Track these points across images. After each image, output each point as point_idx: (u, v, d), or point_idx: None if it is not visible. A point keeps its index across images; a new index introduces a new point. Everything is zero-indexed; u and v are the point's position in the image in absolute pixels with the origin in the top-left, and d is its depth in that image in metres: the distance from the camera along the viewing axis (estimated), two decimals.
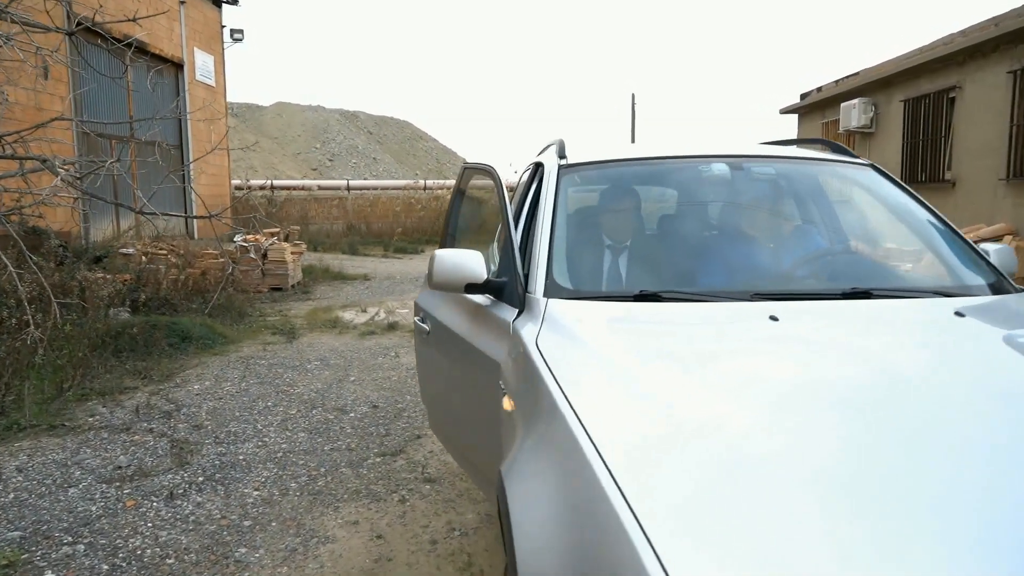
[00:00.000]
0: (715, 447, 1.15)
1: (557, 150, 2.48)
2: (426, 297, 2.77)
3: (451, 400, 2.58)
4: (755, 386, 1.36)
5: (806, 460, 1.09)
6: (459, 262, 2.07)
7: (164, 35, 13.12)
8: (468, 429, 2.40)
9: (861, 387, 1.34)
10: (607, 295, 1.93)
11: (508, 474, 1.44)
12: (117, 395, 4.76)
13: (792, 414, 1.24)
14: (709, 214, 2.36)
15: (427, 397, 3.03)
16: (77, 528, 2.89)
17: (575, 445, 1.22)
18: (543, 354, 1.64)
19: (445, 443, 2.93)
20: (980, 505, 0.97)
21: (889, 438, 1.14)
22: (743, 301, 1.83)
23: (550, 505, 1.20)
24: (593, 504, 1.08)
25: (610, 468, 1.11)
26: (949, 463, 1.08)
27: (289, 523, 2.96)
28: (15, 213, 6.65)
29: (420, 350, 2.95)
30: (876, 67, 12.85)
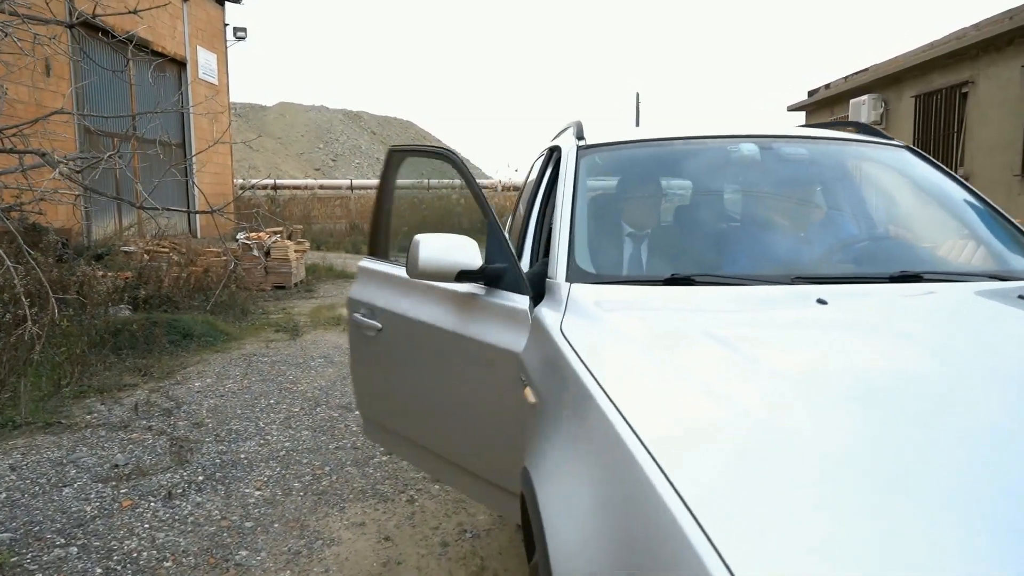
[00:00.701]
0: (774, 438, 1.01)
1: (575, 131, 2.35)
2: (369, 290, 2.44)
3: (429, 403, 2.24)
4: (814, 373, 1.22)
5: (875, 453, 0.96)
6: (450, 248, 1.88)
7: (167, 33, 13.03)
8: (461, 432, 2.12)
9: (933, 375, 1.20)
10: (634, 279, 1.79)
11: (537, 471, 1.31)
12: (116, 392, 4.64)
13: (858, 403, 1.11)
14: (739, 195, 2.22)
15: (376, 405, 2.57)
16: (70, 529, 2.76)
17: (615, 437, 1.09)
18: (570, 341, 1.50)
19: (412, 455, 2.46)
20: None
21: (976, 433, 1.00)
22: (783, 285, 1.69)
23: (589, 503, 1.07)
24: (640, 500, 0.96)
25: (658, 461, 0.98)
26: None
27: (292, 524, 2.82)
28: (15, 209, 6.54)
29: (364, 351, 2.51)
30: (886, 63, 12.69)
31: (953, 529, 0.80)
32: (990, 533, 0.79)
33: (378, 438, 2.66)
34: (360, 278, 2.54)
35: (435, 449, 2.27)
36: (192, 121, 13.74)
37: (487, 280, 1.95)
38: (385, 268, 2.43)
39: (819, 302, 1.52)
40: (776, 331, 1.44)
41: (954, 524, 0.80)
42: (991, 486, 0.88)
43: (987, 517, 0.82)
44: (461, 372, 2.03)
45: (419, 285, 2.18)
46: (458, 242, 1.90)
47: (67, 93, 9.61)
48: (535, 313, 1.84)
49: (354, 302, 2.51)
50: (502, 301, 1.93)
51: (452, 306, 2.07)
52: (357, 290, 2.52)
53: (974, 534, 0.79)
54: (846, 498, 0.86)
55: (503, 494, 1.98)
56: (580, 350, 1.42)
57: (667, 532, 0.86)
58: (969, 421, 1.04)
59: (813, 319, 1.47)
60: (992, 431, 1.01)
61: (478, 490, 2.12)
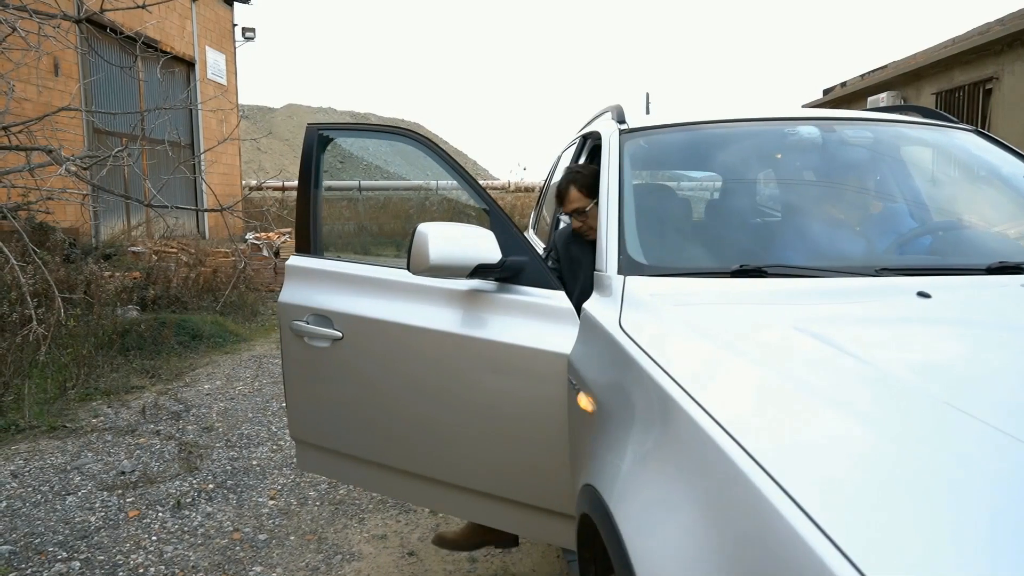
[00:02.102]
0: (910, 451, 0.84)
1: (615, 116, 2.16)
2: (316, 293, 2.05)
3: (422, 420, 1.90)
4: (938, 375, 1.04)
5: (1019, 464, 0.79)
6: (465, 240, 1.65)
7: (176, 33, 12.94)
8: (477, 449, 1.81)
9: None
10: (696, 271, 1.60)
11: (610, 491, 1.12)
12: (123, 395, 4.48)
13: (994, 409, 0.92)
14: (803, 181, 2.03)
15: (330, 430, 2.12)
16: (73, 542, 2.59)
17: (716, 451, 0.91)
18: (636, 340, 1.32)
19: (388, 483, 2.07)
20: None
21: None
22: (867, 276, 1.51)
23: (689, 526, 0.89)
24: (758, 525, 0.79)
25: (776, 478, 0.81)
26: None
27: (309, 537, 2.64)
28: (23, 208, 6.41)
29: (311, 366, 2.07)
30: (905, 59, 12.46)
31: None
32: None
33: (327, 468, 2.22)
34: (295, 279, 2.11)
35: (432, 473, 1.93)
36: (201, 121, 13.64)
37: (507, 275, 1.74)
38: (339, 266, 2.08)
39: (920, 295, 1.33)
40: (884, 328, 1.26)
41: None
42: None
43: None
44: (474, 380, 1.77)
45: (399, 284, 1.90)
46: (472, 232, 1.68)
47: (75, 92, 9.51)
48: (585, 309, 1.66)
49: (292, 308, 2.06)
50: (526, 298, 1.73)
51: (452, 306, 1.80)
52: (294, 293, 2.08)
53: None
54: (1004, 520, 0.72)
55: (540, 515, 1.78)
56: (651, 350, 1.23)
57: (802, 563, 0.71)
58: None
59: (921, 314, 1.28)
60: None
61: (501, 514, 1.86)
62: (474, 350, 1.75)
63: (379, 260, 2.20)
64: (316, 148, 2.20)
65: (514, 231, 1.79)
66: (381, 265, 2.04)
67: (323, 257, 2.16)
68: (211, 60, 14.67)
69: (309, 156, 2.20)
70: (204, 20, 14.37)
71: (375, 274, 2.00)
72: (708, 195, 2.07)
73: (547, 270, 1.81)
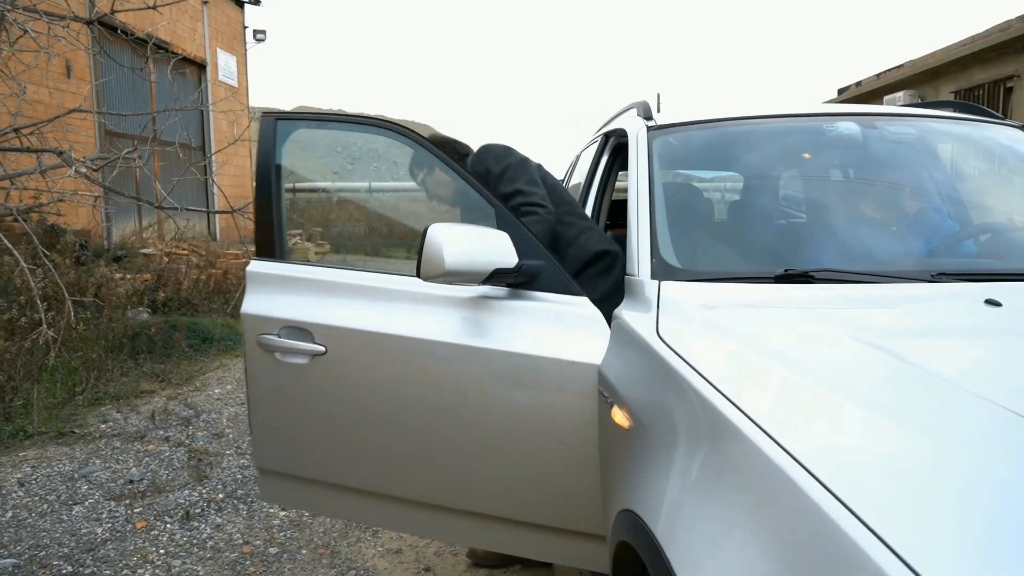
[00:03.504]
0: (1004, 484, 0.74)
1: (641, 112, 2.06)
2: (289, 303, 1.83)
3: (425, 441, 1.73)
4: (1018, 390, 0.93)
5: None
6: (482, 242, 1.53)
7: (187, 35, 12.94)
8: (492, 468, 1.67)
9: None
10: (736, 276, 1.50)
11: (654, 517, 1.02)
12: (132, 399, 4.41)
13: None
14: (845, 179, 1.92)
15: (304, 456, 1.91)
16: (79, 555, 2.51)
17: (782, 479, 0.82)
18: (677, 350, 1.22)
19: (375, 510, 1.89)
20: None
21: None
22: (923, 282, 1.40)
23: (752, 561, 0.80)
24: (833, 560, 0.71)
25: (854, 510, 0.73)
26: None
27: (322, 551, 2.55)
28: (34, 211, 6.38)
29: (283, 385, 1.86)
30: (923, 58, 12.27)
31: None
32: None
33: (302, 499, 2.01)
34: (260, 287, 1.88)
35: (439, 500, 1.77)
36: (212, 123, 13.64)
37: (523, 280, 1.63)
38: (318, 272, 1.90)
39: (990, 303, 1.22)
40: (957, 340, 1.15)
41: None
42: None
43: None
44: (491, 396, 1.63)
45: (393, 291, 1.76)
46: (487, 235, 1.56)
47: (87, 94, 9.50)
48: (617, 316, 1.55)
49: (259, 319, 1.83)
50: (546, 304, 1.62)
51: (458, 314, 1.67)
52: (260, 303, 1.86)
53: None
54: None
55: (568, 538, 1.67)
56: (697, 363, 1.13)
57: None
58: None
59: (995, 325, 1.17)
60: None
61: (525, 540, 1.72)
62: (490, 363, 1.61)
63: (364, 264, 1.99)
64: (275, 140, 1.95)
65: (525, 232, 1.68)
66: (365, 271, 1.86)
67: (289, 261, 1.94)
68: (222, 62, 14.67)
69: (269, 149, 1.94)
70: (215, 22, 14.37)
71: (364, 280, 1.82)
72: (744, 195, 1.95)
73: (566, 274, 1.70)
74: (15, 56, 5.50)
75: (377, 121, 2.02)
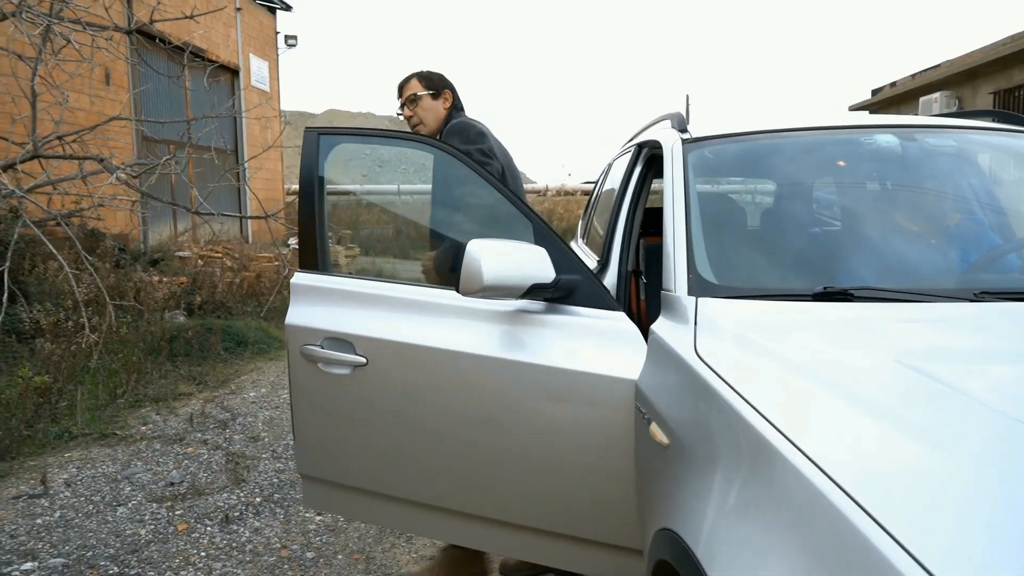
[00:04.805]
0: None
1: (675, 124, 2.06)
2: (331, 314, 1.88)
3: (464, 452, 1.76)
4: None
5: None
6: (520, 258, 1.55)
7: (221, 41, 13.19)
8: (528, 481, 1.69)
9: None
10: (774, 293, 1.50)
11: (696, 539, 1.03)
12: (171, 402, 4.52)
13: None
14: (883, 193, 1.91)
15: (348, 464, 1.95)
16: (124, 556, 2.58)
17: (827, 506, 0.83)
18: (716, 370, 1.23)
19: (414, 519, 1.93)
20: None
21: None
22: (965, 302, 1.38)
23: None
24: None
25: (892, 533, 0.75)
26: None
27: (357, 556, 2.59)
28: (76, 215, 6.57)
29: (327, 395, 1.91)
30: (961, 58, 12.01)
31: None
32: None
33: (342, 506, 2.07)
34: (303, 299, 1.95)
35: (477, 510, 1.80)
36: (244, 128, 13.89)
37: (560, 295, 1.65)
38: (359, 285, 1.93)
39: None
40: (1006, 366, 1.14)
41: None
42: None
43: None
44: (529, 409, 1.65)
45: (433, 304, 1.78)
46: (526, 250, 1.58)
47: (125, 101, 9.75)
48: (654, 332, 1.56)
49: (302, 330, 1.90)
50: (583, 319, 1.64)
51: (497, 328, 1.69)
52: (304, 314, 1.92)
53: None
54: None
55: (602, 551, 1.68)
56: (737, 384, 1.14)
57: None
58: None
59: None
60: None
61: (559, 551, 1.74)
62: (527, 376, 1.64)
63: (403, 279, 2.04)
64: (318, 154, 2.01)
65: (562, 246, 1.70)
66: (406, 284, 1.91)
67: (332, 274, 1.99)
68: (255, 67, 14.93)
69: (311, 164, 2.00)
70: (248, 28, 14.63)
71: (402, 294, 1.86)
72: (781, 209, 1.95)
73: (603, 288, 1.72)
74: (58, 66, 5.68)
75: (417, 137, 2.06)
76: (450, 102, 2.58)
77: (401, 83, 2.60)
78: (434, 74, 2.60)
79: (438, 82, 2.57)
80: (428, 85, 2.55)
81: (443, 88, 2.57)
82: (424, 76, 2.57)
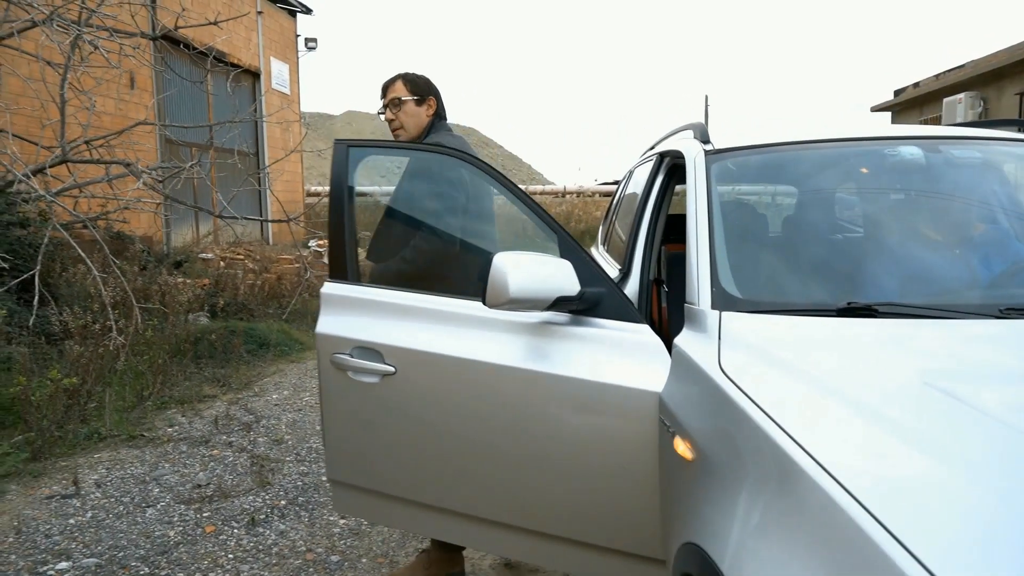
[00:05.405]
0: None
1: (698, 135, 2.08)
2: (360, 324, 1.92)
3: (490, 460, 1.80)
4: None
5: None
6: (546, 271, 1.58)
7: (242, 45, 13.35)
8: (548, 495, 1.72)
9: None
10: (798, 308, 1.51)
11: (722, 555, 1.05)
12: (196, 404, 4.60)
13: None
14: (908, 207, 1.91)
15: (376, 470, 2.00)
16: (154, 557, 2.65)
17: (853, 529, 0.84)
18: (741, 386, 1.24)
19: (441, 525, 1.97)
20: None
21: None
22: (991, 319, 1.39)
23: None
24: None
25: (918, 557, 0.77)
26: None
27: (381, 560, 2.63)
28: (102, 218, 6.70)
29: (356, 403, 1.95)
30: (986, 58, 11.85)
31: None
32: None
33: (370, 511, 2.13)
34: (333, 308, 1.99)
35: (501, 517, 1.83)
36: (265, 130, 14.04)
37: (585, 307, 1.68)
38: (386, 295, 1.96)
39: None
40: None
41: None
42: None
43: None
44: (554, 419, 1.68)
45: (459, 315, 1.83)
46: (551, 263, 1.62)
47: (150, 105, 9.91)
48: (677, 346, 1.58)
49: (332, 339, 1.94)
50: (607, 331, 1.66)
51: (522, 339, 1.72)
52: (334, 323, 1.97)
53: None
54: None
55: (625, 560, 1.70)
56: (763, 403, 1.15)
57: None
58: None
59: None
60: None
61: (582, 559, 1.76)
62: (551, 387, 1.67)
63: (428, 290, 2.09)
64: (347, 166, 2.06)
65: (587, 259, 1.73)
66: (432, 294, 1.94)
67: (360, 284, 2.04)
68: (275, 70, 15.09)
69: (341, 175, 2.04)
70: (269, 32, 14.79)
71: (430, 304, 1.90)
72: (804, 222, 1.95)
73: (628, 301, 1.74)
74: (87, 72, 5.80)
75: (445, 150, 2.10)
76: (433, 109, 2.50)
77: (386, 84, 2.52)
78: (420, 78, 2.52)
79: (423, 87, 2.49)
80: (413, 90, 2.47)
81: (428, 95, 2.49)
82: (410, 79, 2.49)
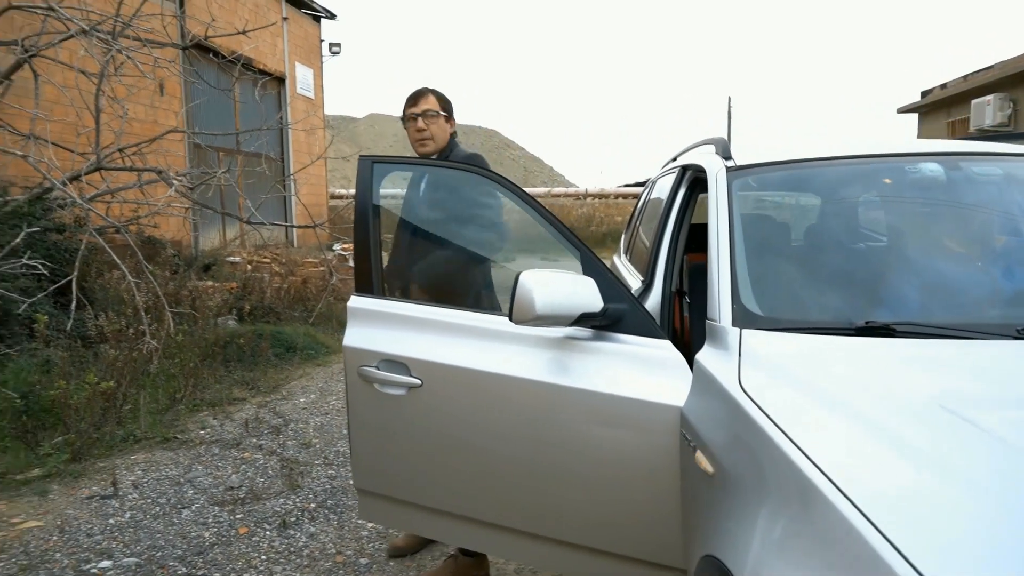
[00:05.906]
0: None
1: (719, 151, 2.11)
2: (388, 337, 1.98)
3: (515, 473, 1.84)
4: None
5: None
6: (570, 288, 1.64)
7: (268, 51, 13.57)
8: (571, 505, 1.77)
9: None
10: (816, 326, 1.55)
11: (741, 569, 1.10)
12: (226, 407, 4.72)
13: None
14: (929, 225, 1.93)
15: (402, 481, 2.06)
16: (191, 557, 2.74)
17: (870, 553, 0.88)
18: (760, 405, 1.29)
19: (466, 534, 2.03)
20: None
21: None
22: (1009, 339, 1.41)
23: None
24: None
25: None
26: None
27: (408, 564, 2.70)
28: (133, 223, 6.88)
29: (383, 415, 2.01)
30: (1015, 59, 11.66)
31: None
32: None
33: (395, 519, 2.21)
34: (360, 322, 2.05)
35: (524, 526, 1.88)
36: (291, 135, 14.26)
37: (608, 323, 1.73)
38: (412, 309, 2.03)
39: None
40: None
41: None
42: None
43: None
44: (576, 432, 1.73)
45: (484, 329, 1.88)
46: (575, 281, 1.68)
47: (179, 112, 10.13)
48: (698, 361, 1.63)
49: (359, 352, 2.00)
50: (630, 347, 1.71)
51: (546, 354, 1.78)
52: (361, 336, 2.02)
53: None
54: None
55: (646, 569, 1.75)
56: (783, 423, 1.20)
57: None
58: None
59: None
60: None
61: (603, 568, 1.81)
62: (577, 401, 1.72)
63: (454, 304, 2.16)
64: (371, 181, 2.11)
65: (609, 276, 1.78)
66: (457, 308, 2.01)
67: (386, 297, 2.12)
68: (300, 76, 15.30)
69: (366, 190, 2.09)
70: (294, 37, 15.01)
71: (456, 319, 1.96)
72: (826, 239, 1.98)
73: (650, 317, 1.79)
74: (119, 81, 5.98)
75: (467, 167, 2.16)
76: (453, 127, 2.70)
77: (417, 93, 2.65)
78: (445, 97, 2.69)
79: (448, 106, 2.67)
80: (443, 106, 2.64)
81: (451, 113, 2.68)
82: (440, 96, 2.65)
